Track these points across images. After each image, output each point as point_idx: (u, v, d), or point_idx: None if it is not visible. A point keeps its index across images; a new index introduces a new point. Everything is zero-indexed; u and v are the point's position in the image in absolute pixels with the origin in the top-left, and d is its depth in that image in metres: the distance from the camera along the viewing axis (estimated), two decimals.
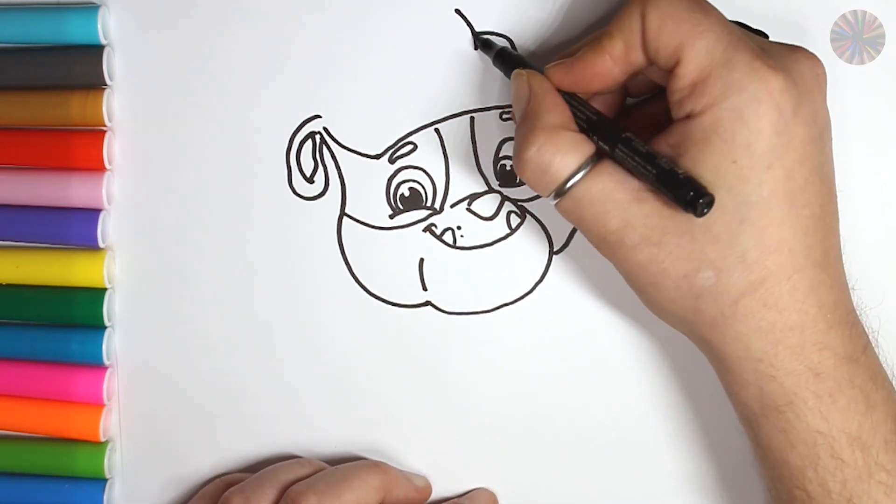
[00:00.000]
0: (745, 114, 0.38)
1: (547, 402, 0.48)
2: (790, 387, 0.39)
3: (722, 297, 0.39)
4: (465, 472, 0.49)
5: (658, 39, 0.39)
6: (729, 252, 0.39)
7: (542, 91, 0.42)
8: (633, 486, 0.49)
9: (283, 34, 0.47)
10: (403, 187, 0.48)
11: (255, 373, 0.49)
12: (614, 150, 0.40)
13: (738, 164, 0.38)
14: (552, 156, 0.40)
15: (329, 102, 0.47)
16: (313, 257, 0.48)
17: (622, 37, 0.40)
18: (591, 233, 0.41)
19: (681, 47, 0.38)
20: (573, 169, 0.40)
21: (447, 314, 0.48)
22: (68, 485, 0.49)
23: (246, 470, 0.49)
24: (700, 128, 0.38)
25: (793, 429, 0.40)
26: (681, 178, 0.38)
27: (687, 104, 0.39)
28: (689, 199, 0.37)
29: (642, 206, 0.39)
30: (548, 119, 0.41)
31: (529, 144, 0.40)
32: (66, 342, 0.49)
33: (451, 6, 0.46)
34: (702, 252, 0.39)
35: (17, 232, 0.49)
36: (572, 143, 0.40)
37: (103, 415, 0.49)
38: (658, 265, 0.39)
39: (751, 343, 0.39)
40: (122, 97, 0.48)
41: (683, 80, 0.39)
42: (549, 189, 0.40)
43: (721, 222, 0.38)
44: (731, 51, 0.38)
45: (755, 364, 0.40)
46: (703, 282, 0.39)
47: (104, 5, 0.48)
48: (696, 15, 0.39)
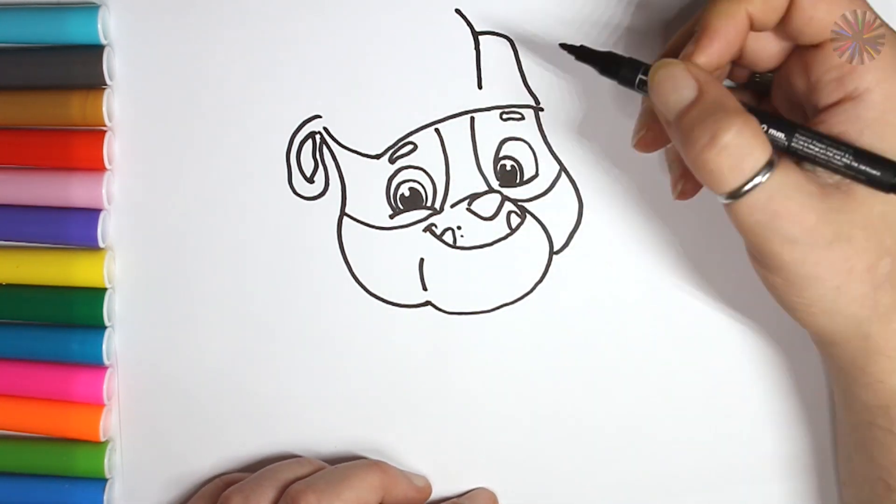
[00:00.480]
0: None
1: (547, 402, 0.48)
2: None
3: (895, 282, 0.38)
4: (465, 472, 0.49)
5: (815, 8, 0.37)
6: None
7: (713, 80, 0.37)
8: (634, 486, 0.49)
9: (283, 34, 0.47)
10: (403, 187, 0.48)
11: (254, 373, 0.49)
12: (791, 139, 0.36)
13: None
14: (752, 139, 0.35)
15: (329, 102, 0.47)
16: (313, 257, 0.48)
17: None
18: (783, 232, 0.37)
19: None
20: (769, 157, 0.36)
21: (447, 314, 0.48)
22: (68, 485, 0.49)
23: (246, 469, 0.49)
24: (872, 107, 0.36)
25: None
26: (881, 157, 0.35)
27: (849, 81, 0.37)
28: None
29: (831, 201, 0.37)
30: (735, 104, 0.36)
31: (727, 127, 0.35)
32: (66, 342, 0.49)
33: (451, 6, 0.46)
34: (881, 241, 0.37)
35: (17, 232, 0.49)
36: (762, 132, 0.36)
37: (103, 415, 0.49)
38: (847, 263, 0.37)
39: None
40: (122, 97, 0.48)
41: None
42: (742, 179, 0.36)
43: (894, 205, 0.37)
44: (887, 27, 0.37)
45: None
46: (883, 270, 0.38)
47: (104, 5, 0.48)
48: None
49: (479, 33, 0.46)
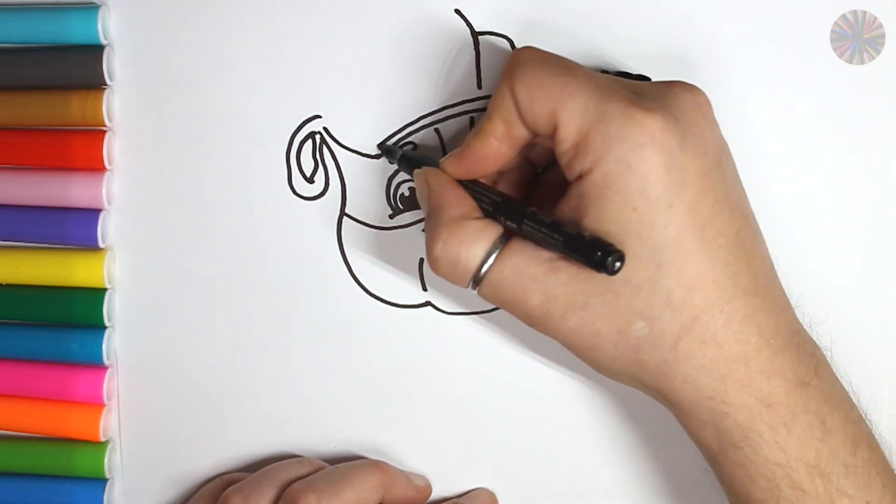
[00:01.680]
0: (631, 162, 0.37)
1: (547, 402, 0.48)
2: (744, 421, 0.39)
3: (660, 343, 0.39)
4: (465, 472, 0.49)
5: (532, 111, 0.39)
6: (654, 299, 0.38)
7: (440, 186, 0.42)
8: (634, 486, 0.49)
9: (283, 34, 0.47)
10: (403, 187, 0.48)
11: (254, 372, 0.49)
12: (521, 226, 0.40)
13: (639, 211, 0.38)
14: (458, 247, 0.40)
15: (329, 102, 0.47)
16: (313, 257, 0.48)
17: (499, 116, 0.41)
18: (516, 312, 0.41)
19: (554, 112, 0.39)
20: (482, 256, 0.40)
21: (447, 314, 0.48)
22: (68, 485, 0.49)
23: (246, 469, 0.49)
24: (593, 185, 0.38)
25: (751, 463, 0.39)
26: (587, 240, 0.38)
27: (575, 165, 0.39)
28: (598, 259, 0.37)
29: (559, 276, 0.39)
30: (449, 213, 0.41)
31: (435, 241, 0.40)
32: (66, 342, 0.49)
33: (452, 6, 0.46)
34: (628, 305, 0.38)
35: (17, 232, 0.49)
36: (476, 230, 0.40)
37: (103, 415, 0.49)
38: (590, 327, 0.39)
39: (698, 382, 0.39)
40: (122, 97, 0.48)
41: (566, 142, 0.39)
42: (465, 280, 0.41)
43: (638, 271, 0.38)
44: (604, 103, 0.38)
45: (707, 402, 0.39)
46: (638, 332, 0.39)
47: (104, 5, 0.48)
48: (561, 78, 0.39)
49: (479, 33, 0.46)
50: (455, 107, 0.47)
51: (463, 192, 0.42)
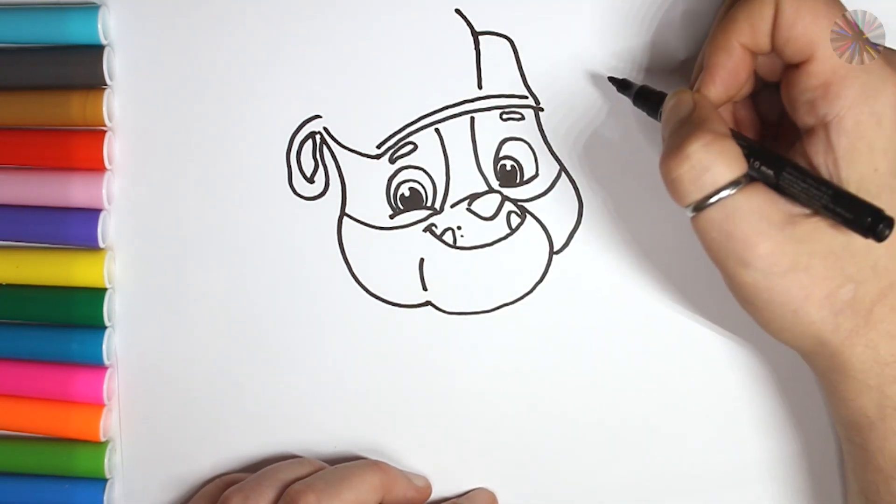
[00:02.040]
0: (883, 119, 0.36)
1: (547, 402, 0.48)
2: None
3: (858, 308, 0.39)
4: (465, 472, 0.49)
5: (792, 29, 0.37)
6: (864, 263, 0.38)
7: (708, 104, 0.39)
8: (634, 486, 0.49)
9: (283, 34, 0.47)
10: (403, 187, 0.48)
11: (255, 373, 0.49)
12: (780, 174, 0.38)
13: (879, 172, 0.37)
14: (718, 156, 0.37)
15: (329, 102, 0.47)
16: (313, 257, 0.48)
17: (749, 22, 0.38)
18: (736, 254, 0.38)
19: (815, 42, 0.37)
20: (736, 176, 0.37)
21: (447, 314, 0.48)
22: (68, 485, 0.49)
23: (246, 470, 0.49)
24: (844, 134, 0.37)
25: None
26: (858, 200, 0.36)
27: (821, 106, 0.37)
28: (868, 223, 0.36)
29: (795, 230, 0.38)
30: (717, 126, 0.38)
31: (695, 139, 0.37)
32: (66, 342, 0.49)
33: (451, 6, 0.46)
34: (843, 269, 0.38)
35: (17, 232, 0.49)
36: (736, 152, 0.37)
37: (103, 415, 0.49)
38: (803, 290, 0.38)
39: (879, 348, 0.39)
40: (122, 97, 0.48)
41: (816, 77, 0.37)
42: (702, 192, 0.37)
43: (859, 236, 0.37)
44: None
45: (881, 368, 0.39)
46: (844, 296, 0.38)
47: (104, 5, 0.48)
48: (833, 10, 0.37)
49: (479, 33, 0.46)
50: (455, 107, 0.47)
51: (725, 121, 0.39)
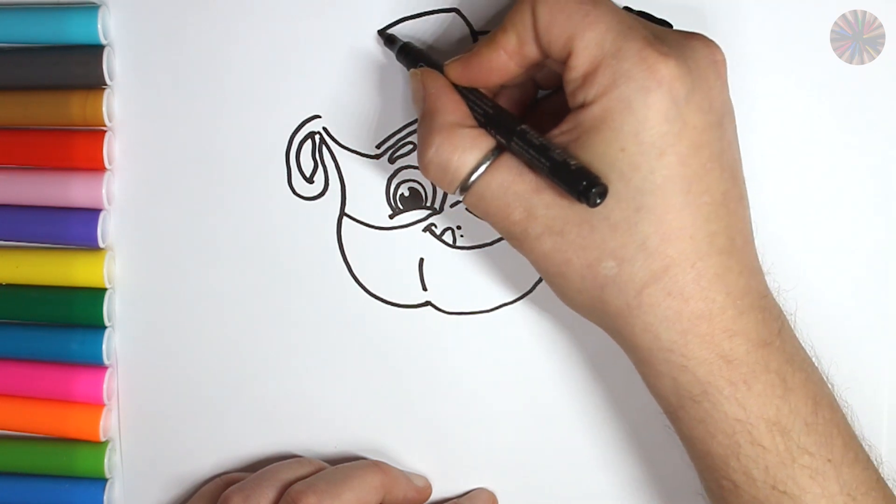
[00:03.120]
0: (633, 103, 0.38)
1: (547, 402, 0.48)
2: (703, 376, 0.39)
3: (626, 286, 0.39)
4: (465, 472, 0.49)
5: (549, 32, 0.39)
6: (629, 241, 0.38)
7: (437, 89, 0.42)
8: (633, 486, 0.49)
9: (283, 34, 0.47)
10: (403, 187, 0.48)
11: (254, 372, 0.49)
12: (510, 143, 0.40)
13: (627, 152, 0.38)
14: (450, 154, 0.40)
15: (329, 102, 0.47)
16: (313, 257, 0.48)
17: (514, 31, 0.40)
18: (497, 226, 0.41)
19: (571, 39, 0.39)
20: (472, 165, 0.40)
21: (447, 314, 0.48)
22: (68, 485, 0.49)
23: (246, 469, 0.49)
24: (590, 117, 0.38)
25: (710, 418, 0.39)
26: (573, 168, 0.38)
27: (580, 94, 0.39)
28: (582, 189, 0.37)
29: (542, 197, 0.39)
30: (443, 118, 0.41)
31: (428, 146, 0.41)
32: (66, 342, 0.49)
33: (451, 6, 0.46)
34: (602, 241, 0.39)
35: (17, 232, 0.49)
36: (470, 139, 0.41)
37: (103, 415, 0.49)
38: (562, 254, 0.39)
39: (659, 333, 0.39)
40: (122, 97, 0.48)
41: (576, 70, 0.39)
42: (452, 186, 0.41)
43: (617, 210, 0.38)
44: (621, 40, 0.38)
45: (666, 354, 0.39)
46: (607, 272, 0.39)
47: (104, 5, 0.48)
48: (584, 6, 0.39)
49: (478, 33, 0.46)
50: None
51: (459, 99, 0.42)
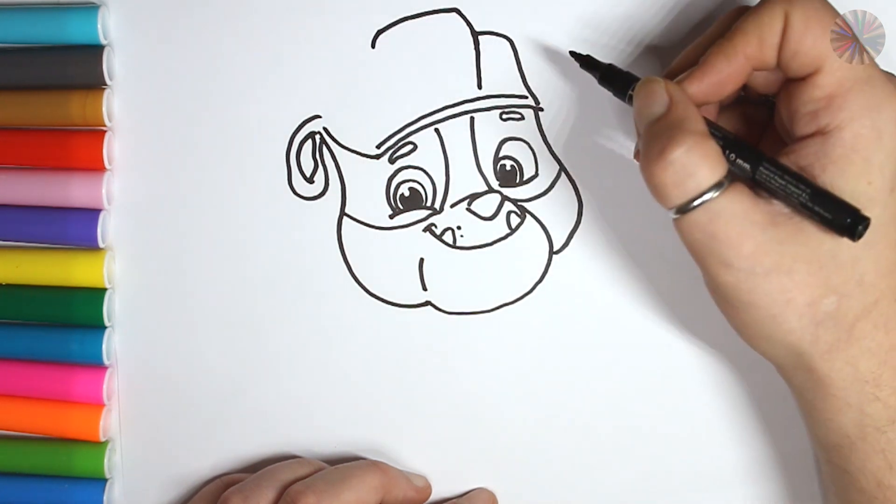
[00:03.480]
0: (883, 134, 0.37)
1: (547, 402, 0.48)
2: (894, 405, 0.39)
3: (841, 322, 0.38)
4: (465, 472, 0.49)
5: (801, 42, 0.37)
6: (851, 276, 0.38)
7: (684, 98, 0.39)
8: (633, 486, 0.49)
9: (283, 34, 0.47)
10: (403, 187, 0.48)
11: (255, 373, 0.49)
12: (756, 169, 0.38)
13: (873, 186, 0.37)
14: (701, 159, 0.37)
15: (329, 102, 0.47)
16: (313, 257, 0.48)
17: (758, 35, 0.38)
18: (719, 255, 0.38)
19: (823, 56, 0.37)
20: (716, 180, 0.37)
21: (447, 314, 0.48)
22: (68, 485, 0.49)
23: (246, 470, 0.49)
24: (840, 143, 0.37)
25: (892, 448, 0.39)
26: (837, 199, 0.36)
27: (823, 117, 0.37)
28: (847, 223, 0.36)
29: (777, 231, 0.38)
30: (696, 125, 0.38)
31: (677, 144, 0.37)
32: (66, 342, 0.49)
33: (452, 6, 0.46)
34: (827, 278, 0.38)
35: (17, 232, 0.49)
36: (717, 154, 0.37)
37: (103, 415, 0.49)
38: (785, 294, 0.38)
39: (859, 365, 0.39)
40: (122, 97, 0.48)
41: (822, 90, 0.38)
42: (686, 196, 0.37)
43: (847, 247, 0.38)
44: (871, 68, 0.37)
45: (861, 386, 0.39)
46: (827, 308, 0.38)
47: (104, 5, 0.48)
48: None
49: (478, 33, 0.46)
50: (455, 107, 0.47)
51: (701, 115, 0.39)
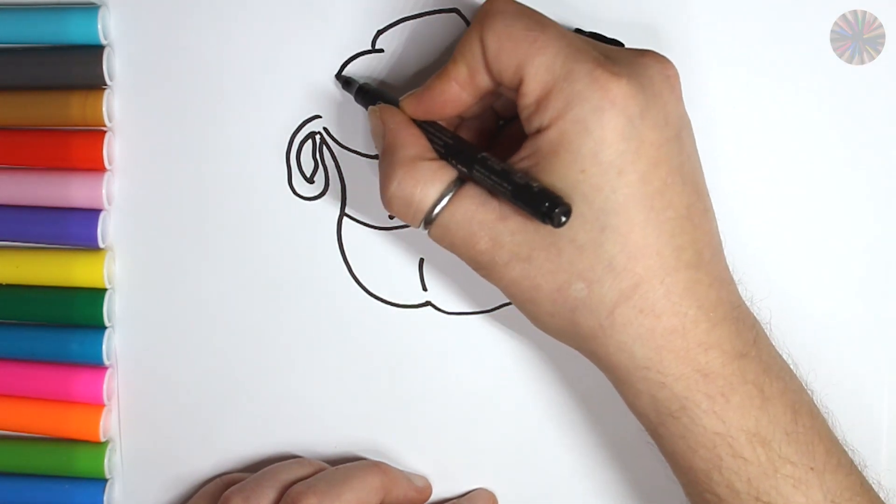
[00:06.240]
0: (588, 124, 0.38)
1: (547, 402, 0.48)
2: (681, 391, 0.39)
3: (597, 308, 0.39)
4: (465, 472, 0.49)
5: (498, 61, 0.40)
6: (596, 261, 0.39)
7: (396, 125, 0.42)
8: (633, 486, 0.49)
9: (283, 34, 0.47)
10: None
11: (255, 373, 0.49)
12: (472, 171, 0.40)
13: (587, 173, 0.38)
14: (413, 188, 0.41)
15: (329, 102, 0.47)
16: (313, 257, 0.48)
17: (465, 62, 0.41)
18: (464, 256, 0.41)
19: (521, 66, 0.39)
20: (435, 197, 0.41)
21: (447, 314, 0.48)
22: (68, 485, 0.49)
23: (246, 469, 0.49)
24: (547, 141, 0.39)
25: (691, 433, 0.40)
26: (536, 190, 0.38)
27: (535, 120, 0.39)
28: (545, 210, 0.37)
29: (507, 224, 0.40)
30: (404, 152, 0.41)
31: (390, 180, 0.41)
32: (66, 342, 0.49)
33: (451, 6, 0.46)
34: (570, 264, 0.39)
35: (17, 232, 0.49)
36: (431, 172, 0.41)
37: (103, 415, 0.49)
38: (531, 280, 0.40)
39: (634, 351, 0.39)
40: (122, 97, 0.48)
41: (528, 97, 0.39)
42: (417, 220, 0.41)
43: (583, 232, 0.38)
44: (571, 63, 0.38)
45: (643, 372, 0.39)
46: (577, 293, 0.39)
47: (104, 5, 0.48)
48: (531, 32, 0.39)
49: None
50: None
51: (418, 132, 0.42)
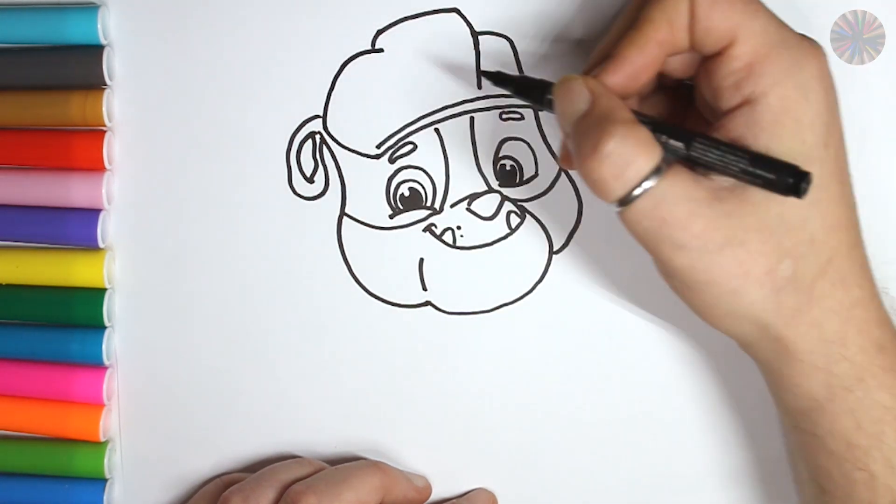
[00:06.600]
0: (809, 91, 0.37)
1: (547, 402, 0.48)
2: (861, 363, 0.39)
3: (800, 284, 0.38)
4: (465, 472, 0.49)
5: (710, 18, 0.37)
6: (802, 237, 0.38)
7: (606, 92, 0.38)
8: (634, 486, 0.49)
9: (283, 34, 0.47)
10: (403, 187, 0.48)
11: (254, 373, 0.49)
12: (691, 145, 0.37)
13: (807, 144, 0.37)
14: (636, 147, 0.36)
15: (329, 102, 0.47)
16: (313, 257, 0.48)
17: (666, 19, 0.38)
18: (670, 239, 0.37)
19: (736, 27, 0.37)
20: (655, 164, 0.36)
21: (447, 314, 0.48)
22: (68, 485, 0.49)
23: (246, 470, 0.49)
24: (768, 109, 0.37)
25: (862, 407, 0.39)
26: (777, 160, 0.36)
27: (746, 86, 0.37)
28: (791, 182, 0.35)
29: (723, 205, 0.37)
30: (624, 114, 0.37)
31: (609, 136, 0.36)
32: (66, 342, 0.49)
33: (452, 6, 0.46)
34: (779, 243, 0.38)
35: (17, 232, 0.49)
36: (650, 139, 0.37)
37: (103, 415, 0.49)
38: (742, 266, 0.37)
39: (824, 325, 0.39)
40: (122, 97, 0.48)
41: (740, 60, 0.37)
42: (628, 186, 0.36)
43: (794, 208, 0.37)
44: (784, 30, 0.38)
45: (827, 347, 0.39)
46: (784, 273, 0.38)
47: (104, 5, 0.48)
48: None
49: (478, 33, 0.46)
50: (455, 107, 0.47)
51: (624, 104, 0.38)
